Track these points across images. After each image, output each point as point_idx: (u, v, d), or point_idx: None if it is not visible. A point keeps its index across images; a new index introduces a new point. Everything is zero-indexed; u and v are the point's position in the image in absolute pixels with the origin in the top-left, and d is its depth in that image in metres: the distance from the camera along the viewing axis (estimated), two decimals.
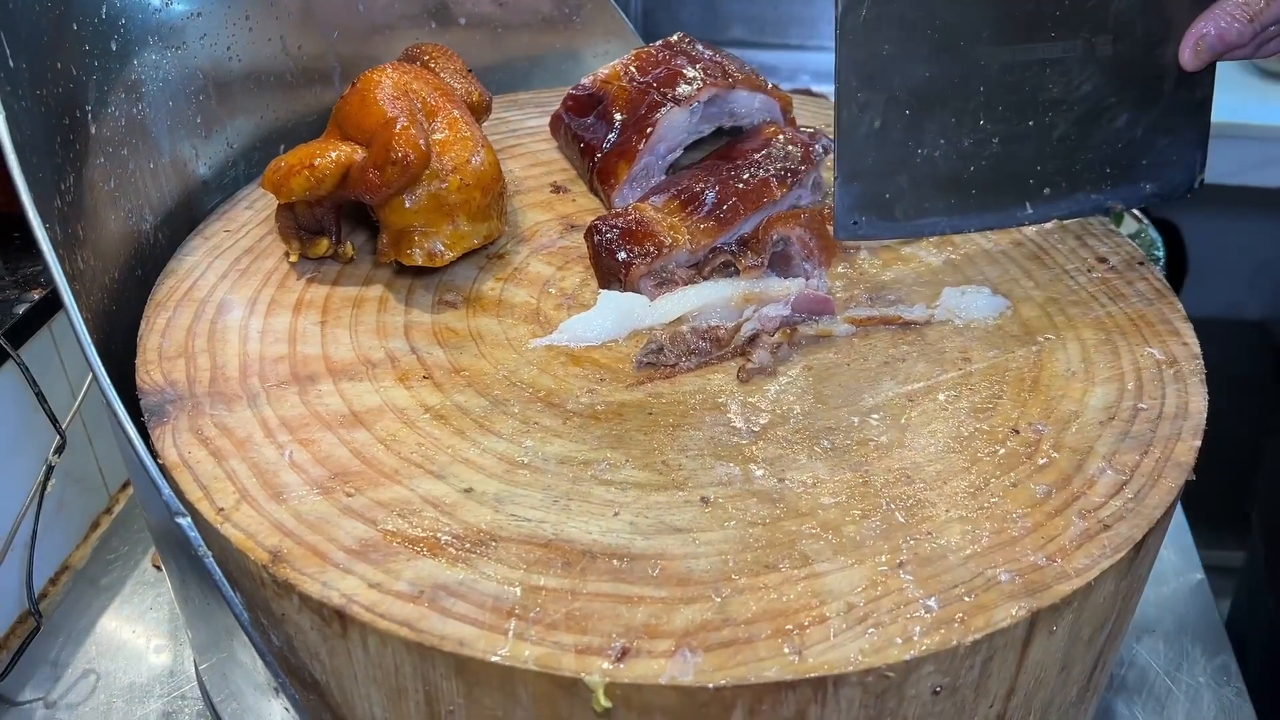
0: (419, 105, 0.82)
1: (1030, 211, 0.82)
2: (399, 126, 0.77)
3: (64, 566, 0.99)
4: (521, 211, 0.93)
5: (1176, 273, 2.05)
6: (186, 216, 0.91)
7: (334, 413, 0.70)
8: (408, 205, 0.79)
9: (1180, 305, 0.81)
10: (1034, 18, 0.78)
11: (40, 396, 0.87)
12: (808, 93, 1.75)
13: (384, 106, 0.79)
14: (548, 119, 1.05)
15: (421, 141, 0.77)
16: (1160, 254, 1.20)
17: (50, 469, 0.87)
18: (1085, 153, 0.81)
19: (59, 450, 0.87)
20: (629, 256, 0.80)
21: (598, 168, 0.93)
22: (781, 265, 0.82)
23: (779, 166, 0.89)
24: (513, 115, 1.09)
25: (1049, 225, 0.90)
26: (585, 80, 0.98)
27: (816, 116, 1.10)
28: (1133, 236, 1.23)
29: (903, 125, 0.77)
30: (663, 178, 0.94)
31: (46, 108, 0.70)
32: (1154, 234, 1.22)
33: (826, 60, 1.82)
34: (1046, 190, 0.82)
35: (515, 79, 1.20)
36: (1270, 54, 0.85)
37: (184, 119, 0.90)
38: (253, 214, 0.91)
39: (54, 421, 0.87)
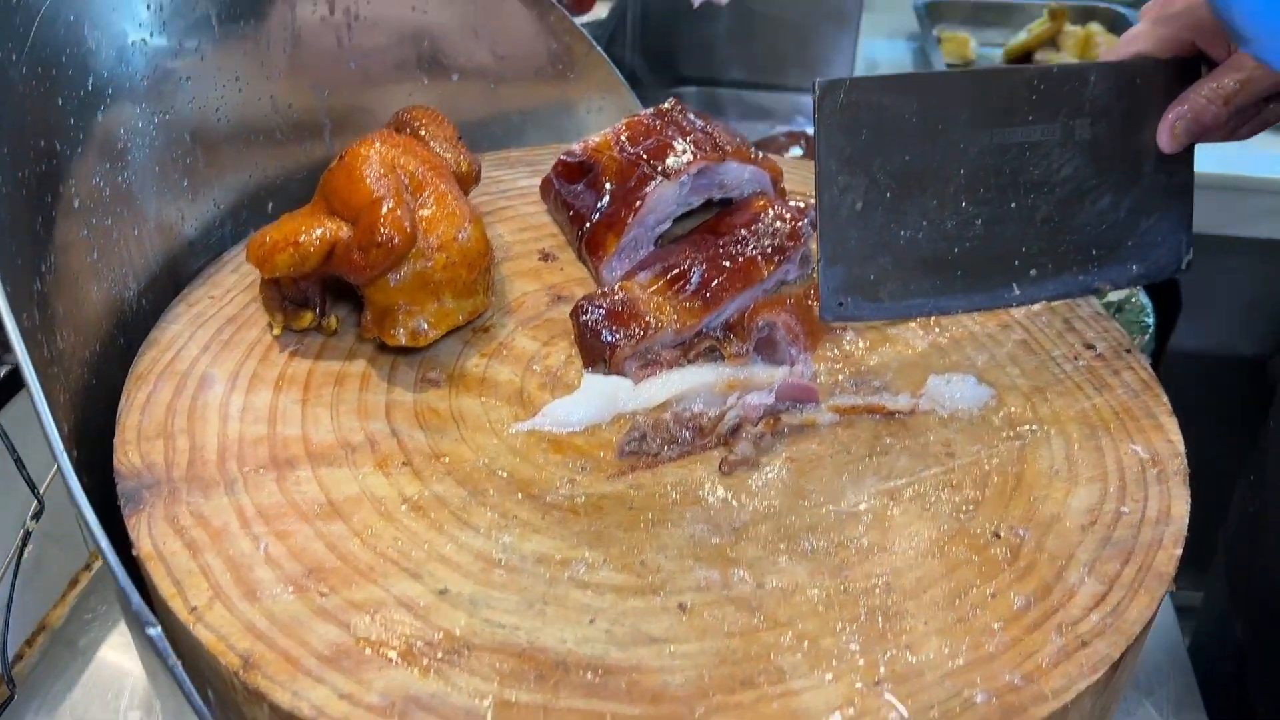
0: (406, 181, 0.82)
1: (1017, 293, 0.82)
2: (385, 208, 0.76)
3: (40, 626, 0.98)
4: (509, 280, 0.93)
5: (1170, 309, 2.06)
6: (171, 280, 0.90)
7: (311, 502, 0.69)
8: (392, 283, 0.79)
9: (1165, 397, 0.81)
10: (1011, 102, 0.78)
11: (18, 462, 0.86)
12: (804, 135, 1.75)
13: (370, 185, 0.79)
14: (538, 179, 1.04)
15: (407, 223, 0.76)
16: (1150, 321, 1.20)
17: (28, 534, 0.86)
18: (1070, 234, 0.81)
19: (37, 516, 0.86)
20: (614, 338, 0.80)
21: (586, 238, 0.93)
22: (767, 349, 0.81)
23: (766, 243, 0.89)
24: (504, 174, 1.09)
25: (1036, 307, 0.90)
26: (576, 147, 0.98)
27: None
28: (1123, 302, 1.23)
29: (884, 208, 0.77)
30: (651, 248, 0.94)
31: (28, 190, 0.70)
32: (1144, 299, 1.22)
33: None
34: (1032, 272, 0.81)
35: (508, 131, 1.20)
36: (1245, 136, 0.85)
37: (170, 182, 0.89)
38: (238, 278, 0.91)
39: (31, 487, 0.86)
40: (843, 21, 1.73)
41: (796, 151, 1.69)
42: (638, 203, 0.91)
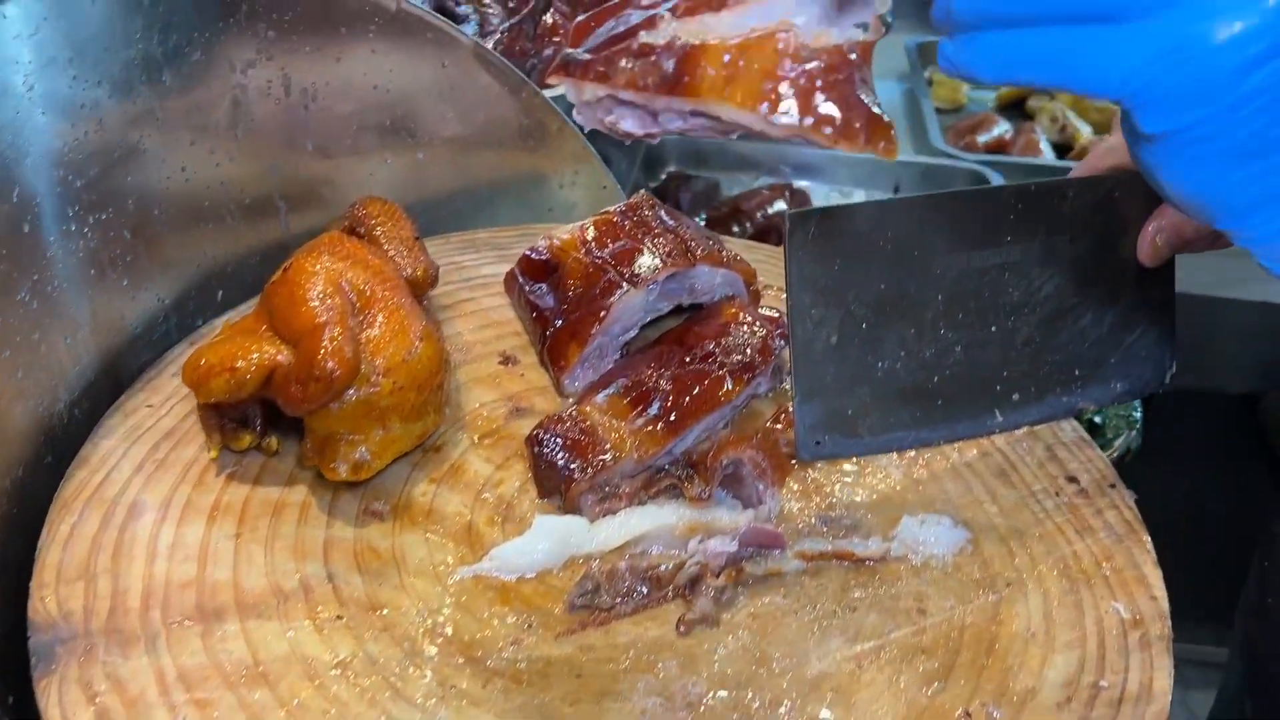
0: (353, 297, 0.77)
1: (1000, 419, 0.78)
2: (326, 336, 0.72)
3: None
4: (465, 388, 0.88)
5: None
6: (109, 383, 0.86)
7: (237, 663, 0.65)
8: (334, 411, 0.74)
9: (1149, 543, 0.77)
10: (989, 223, 0.74)
11: None
12: (788, 188, 1.70)
13: (313, 307, 0.74)
14: (505, 265, 1.00)
15: (349, 351, 0.72)
16: (1138, 415, 1.16)
17: None
18: (1052, 355, 0.77)
19: None
20: (571, 471, 0.75)
21: (549, 345, 0.88)
22: (733, 484, 0.77)
23: (736, 358, 0.84)
24: (468, 259, 1.04)
25: (1019, 432, 0.86)
26: (541, 243, 0.93)
27: None
28: None
29: (861, 339, 0.73)
30: (617, 356, 0.89)
31: None
32: None
33: (809, 154, 1.78)
34: (1015, 396, 0.77)
35: (478, 205, 1.15)
36: (1226, 246, 0.82)
37: (108, 283, 0.85)
38: (179, 384, 0.85)
39: None
40: None
41: (780, 206, 1.64)
42: (603, 313, 0.86)
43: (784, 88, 0.47)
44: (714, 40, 0.46)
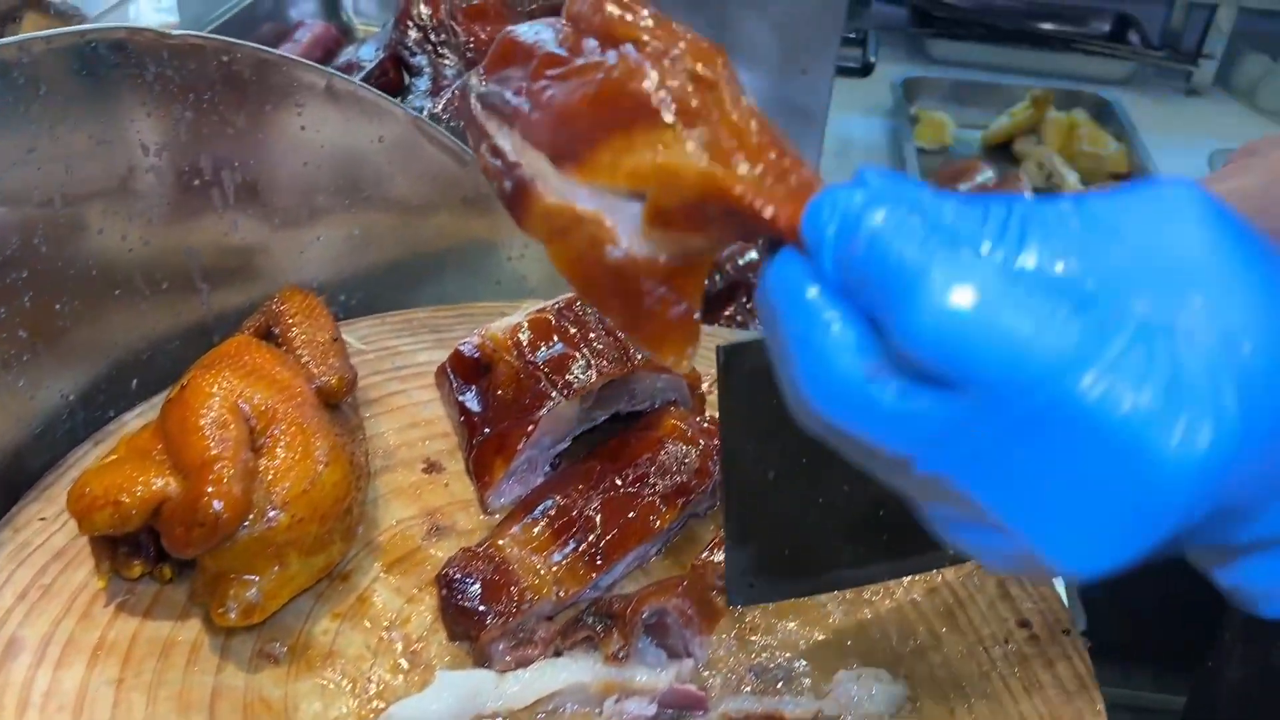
0: (253, 420, 0.72)
1: (951, 551, 0.72)
2: (213, 474, 0.66)
3: None
4: (384, 501, 0.83)
5: None
6: (3, 489, 0.80)
7: None
8: (225, 547, 0.69)
9: (1100, 701, 0.72)
10: None
11: None
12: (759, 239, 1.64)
13: (206, 438, 0.69)
14: (441, 352, 0.94)
15: (238, 489, 0.66)
16: None
17: None
18: None
19: None
20: (482, 617, 0.70)
21: (474, 455, 0.83)
22: (657, 633, 0.72)
23: (671, 481, 0.79)
24: (404, 344, 0.99)
25: (969, 566, 0.80)
26: (474, 339, 0.88)
27: None
28: None
29: (801, 475, 0.67)
30: (548, 469, 0.84)
31: None
32: None
33: None
34: None
35: (421, 277, 1.09)
36: None
37: (2, 386, 0.79)
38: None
39: None
40: (809, 120, 1.63)
41: (751, 256, 1.59)
42: (531, 427, 0.81)
43: (593, 273, 0.44)
44: (544, 193, 0.42)
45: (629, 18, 0.44)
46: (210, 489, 0.66)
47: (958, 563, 0.73)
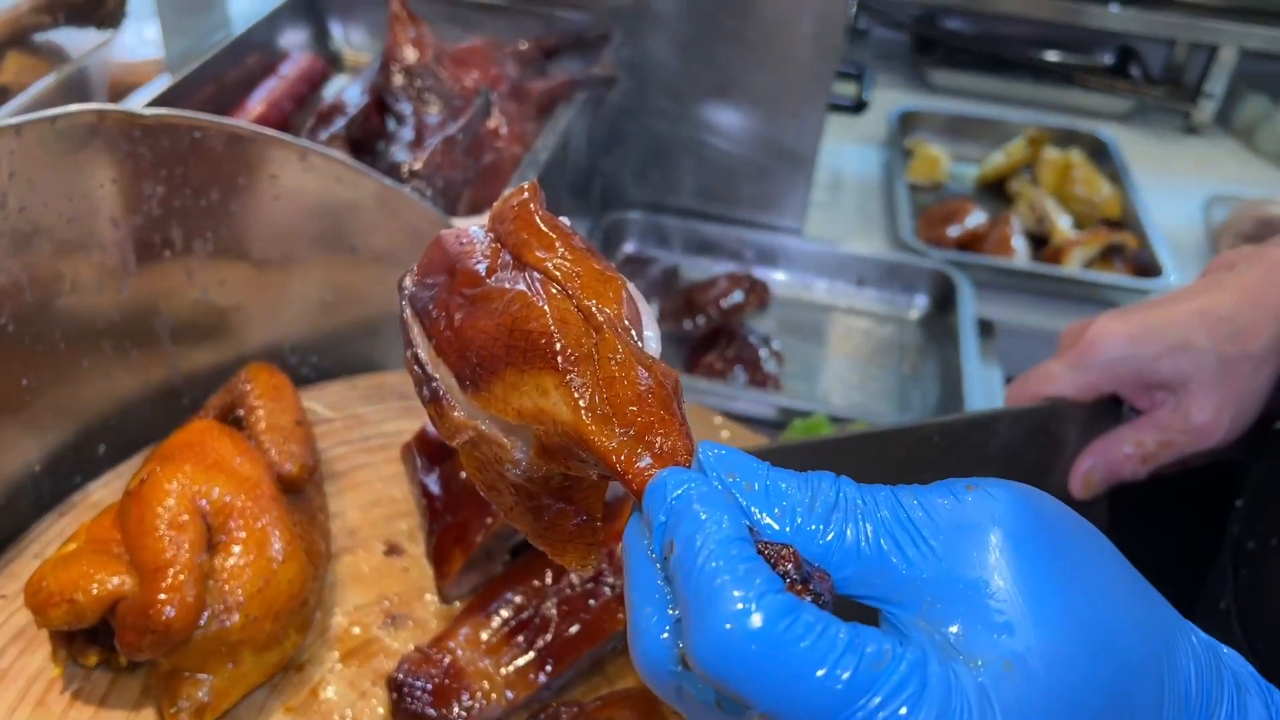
0: (209, 516, 0.72)
1: None
2: (167, 579, 0.67)
3: None
4: (341, 586, 0.83)
5: None
6: None
7: None
8: (179, 645, 0.70)
9: None
10: (911, 462, 0.72)
11: None
12: (747, 278, 1.64)
13: (161, 540, 0.69)
14: (408, 421, 0.95)
15: (190, 595, 0.67)
16: None
17: None
18: None
19: None
20: None
21: (434, 544, 0.84)
22: None
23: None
24: (371, 412, 0.99)
25: None
26: None
27: None
28: None
29: None
30: (506, 558, 0.85)
31: None
32: None
33: (773, 240, 1.72)
34: None
35: (396, 330, 1.09)
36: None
37: None
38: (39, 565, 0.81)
39: None
40: (799, 162, 1.62)
41: (737, 297, 1.59)
42: (489, 519, 0.81)
43: (498, 485, 0.47)
44: (453, 411, 0.45)
45: (535, 244, 0.45)
46: (164, 595, 0.66)
47: None
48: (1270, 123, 2.15)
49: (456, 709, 0.71)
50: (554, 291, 0.43)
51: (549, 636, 0.76)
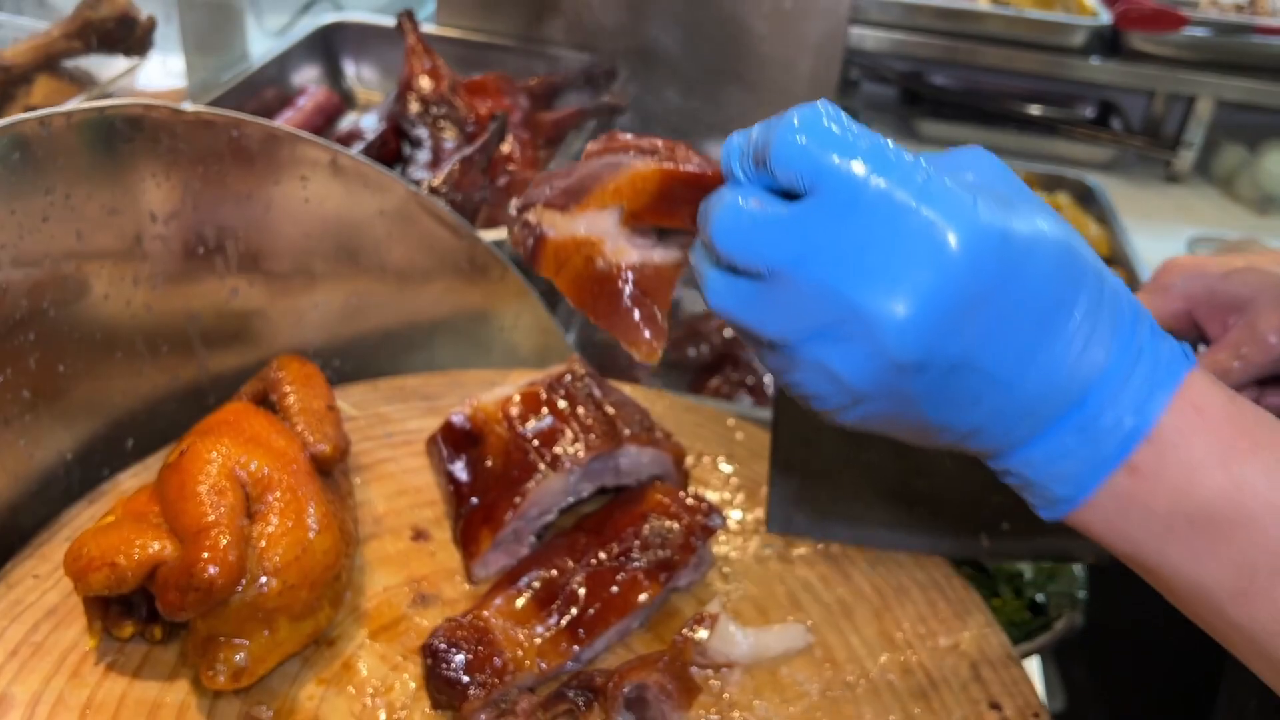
0: (249, 487, 0.74)
1: (986, 545, 0.77)
2: (209, 540, 0.68)
3: None
4: (370, 569, 0.84)
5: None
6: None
7: None
8: (217, 610, 0.70)
9: None
10: None
11: None
12: None
13: (203, 504, 0.71)
14: (432, 420, 0.97)
15: (233, 556, 0.68)
16: (1082, 594, 1.13)
17: None
18: None
19: None
20: (465, 687, 0.72)
21: (461, 526, 0.85)
22: (637, 709, 0.73)
23: (654, 555, 0.81)
24: (394, 411, 1.01)
25: (944, 644, 0.82)
26: (465, 410, 0.90)
27: None
28: (1055, 569, 1.15)
29: (843, 434, 0.73)
30: (533, 539, 0.86)
31: None
32: (1077, 570, 1.15)
33: None
34: (1004, 525, 0.76)
35: (415, 344, 1.12)
36: None
37: (2, 446, 0.81)
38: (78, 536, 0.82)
39: None
40: None
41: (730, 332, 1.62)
42: (518, 498, 0.83)
43: (585, 284, 0.58)
44: (553, 235, 0.57)
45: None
46: (206, 554, 0.67)
47: (996, 559, 0.77)
48: (1249, 170, 2.22)
49: (488, 675, 0.72)
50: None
51: (577, 609, 0.77)
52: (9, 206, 0.77)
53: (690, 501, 0.86)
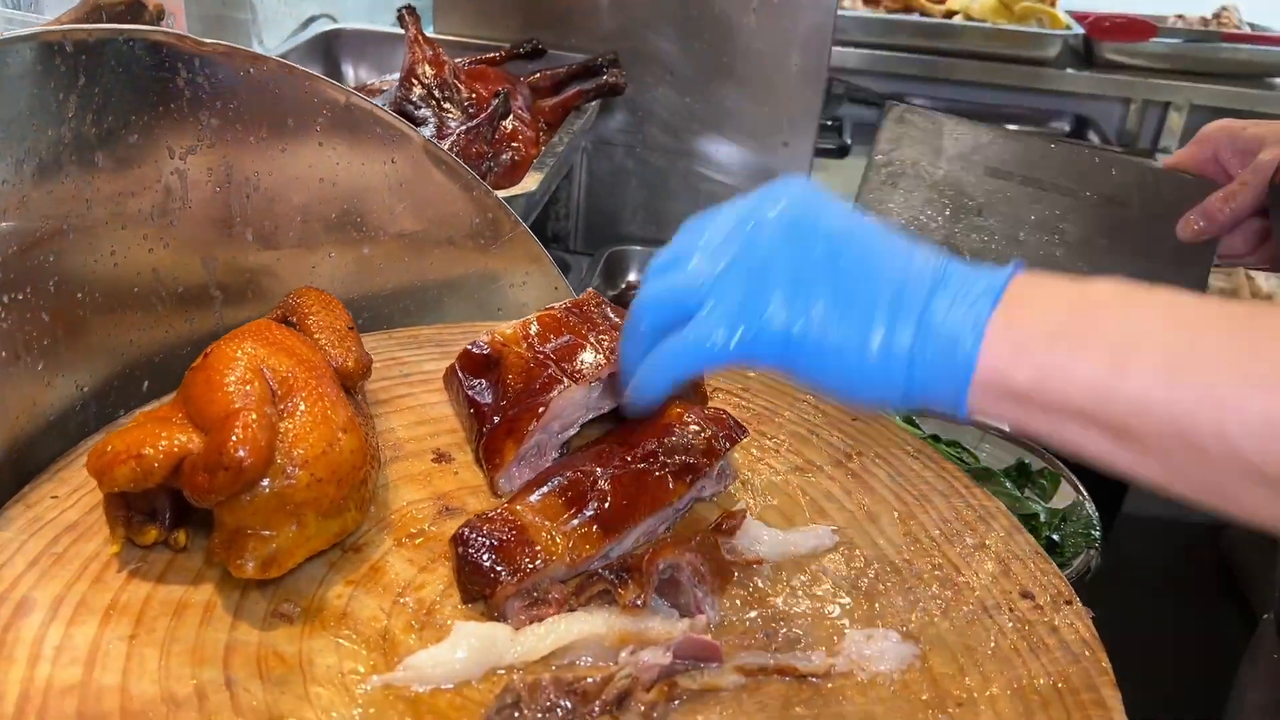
0: (275, 385, 0.74)
1: None
2: (239, 423, 0.68)
3: None
4: (394, 486, 0.84)
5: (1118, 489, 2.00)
6: (15, 473, 0.81)
7: None
8: (245, 502, 0.70)
9: (1106, 661, 0.73)
10: (1023, 165, 1.08)
11: None
12: None
13: (230, 393, 0.70)
14: (446, 362, 0.96)
15: (263, 439, 0.68)
16: (1097, 534, 1.13)
17: None
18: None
19: None
20: (497, 574, 0.71)
21: (484, 441, 0.85)
22: (670, 591, 0.73)
23: (678, 459, 0.81)
24: (409, 355, 1.01)
25: (969, 543, 0.82)
26: (483, 338, 0.90)
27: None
28: (1069, 510, 1.15)
29: (915, 200, 1.13)
30: (556, 454, 0.86)
31: None
32: (1091, 510, 1.15)
33: None
34: None
35: (425, 302, 1.12)
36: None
37: (21, 368, 0.81)
38: (89, 476, 0.81)
39: None
40: None
41: None
42: (541, 409, 0.83)
43: None
44: None
45: None
46: (235, 435, 0.67)
47: None
48: None
49: (520, 562, 0.71)
50: None
51: (608, 504, 0.77)
52: (32, 119, 0.77)
53: (712, 413, 0.86)
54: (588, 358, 0.85)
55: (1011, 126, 2.46)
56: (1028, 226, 1.06)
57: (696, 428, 0.83)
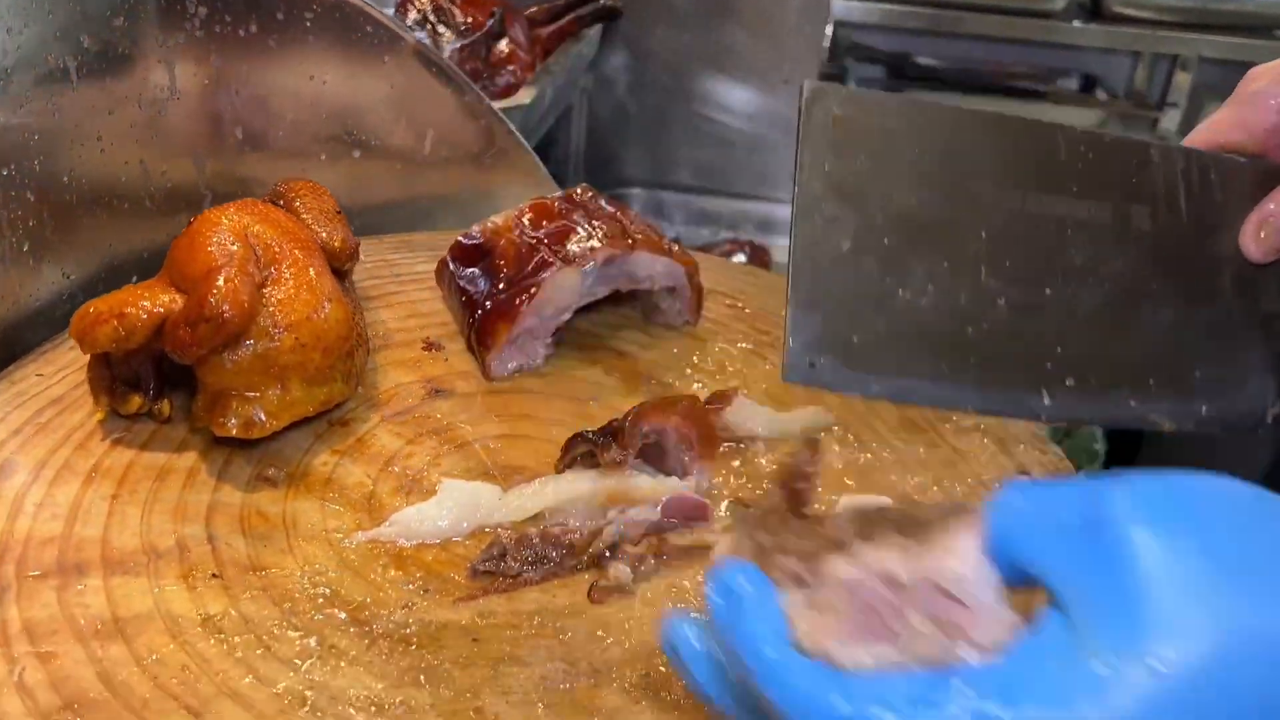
0: (258, 251, 0.73)
1: (1048, 404, 0.62)
2: (221, 277, 0.67)
3: None
4: (383, 370, 0.83)
5: (1132, 435, 1.98)
6: (2, 355, 0.80)
7: (92, 617, 0.58)
8: (228, 364, 0.69)
9: None
10: (1049, 164, 0.62)
11: None
12: (749, 244, 1.68)
13: (212, 253, 0.69)
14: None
15: (244, 296, 0.67)
16: (1100, 449, 1.11)
17: None
18: (1121, 345, 0.64)
19: None
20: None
21: (477, 325, 0.83)
22: (655, 457, 0.71)
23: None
24: (401, 258, 1.00)
25: (967, 424, 0.80)
26: (475, 228, 0.89)
27: (753, 282, 1.01)
28: (1071, 428, 1.14)
29: (880, 255, 0.59)
30: (549, 341, 0.85)
31: None
32: (1096, 430, 1.13)
33: (771, 210, 1.76)
34: (1069, 381, 0.63)
35: (419, 216, 1.11)
36: None
37: (8, 246, 0.80)
38: (76, 355, 0.80)
39: None
40: (792, 134, 1.69)
41: (740, 258, 1.62)
42: (534, 289, 0.82)
43: None
44: None
45: None
46: (217, 289, 0.66)
47: (1055, 418, 0.65)
48: None
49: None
50: None
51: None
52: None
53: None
54: (580, 242, 0.84)
55: (1018, 85, 2.43)
56: (1045, 274, 0.63)
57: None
